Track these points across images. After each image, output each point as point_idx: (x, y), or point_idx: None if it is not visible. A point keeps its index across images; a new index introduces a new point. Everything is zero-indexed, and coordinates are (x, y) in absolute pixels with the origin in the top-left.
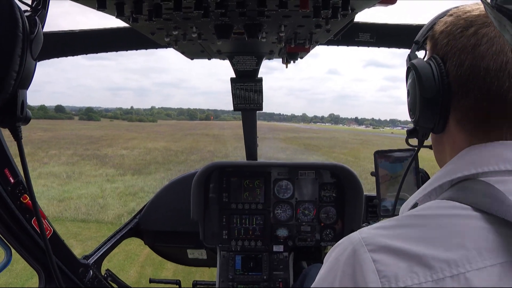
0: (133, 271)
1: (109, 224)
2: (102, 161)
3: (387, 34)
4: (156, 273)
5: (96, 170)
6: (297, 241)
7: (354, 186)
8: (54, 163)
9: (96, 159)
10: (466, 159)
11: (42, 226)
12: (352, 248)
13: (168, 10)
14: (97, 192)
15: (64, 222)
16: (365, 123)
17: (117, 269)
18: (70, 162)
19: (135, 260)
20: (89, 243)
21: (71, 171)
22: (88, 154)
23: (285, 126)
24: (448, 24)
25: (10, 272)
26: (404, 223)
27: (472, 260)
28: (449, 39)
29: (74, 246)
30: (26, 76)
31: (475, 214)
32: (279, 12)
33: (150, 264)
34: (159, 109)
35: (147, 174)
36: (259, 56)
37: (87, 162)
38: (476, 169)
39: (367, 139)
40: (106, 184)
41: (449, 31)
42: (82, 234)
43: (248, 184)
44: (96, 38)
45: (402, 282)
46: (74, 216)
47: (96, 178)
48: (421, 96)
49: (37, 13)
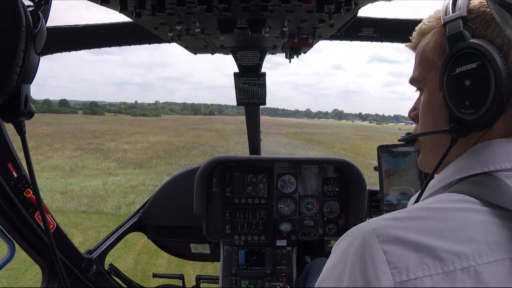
0: (130, 259)
1: (108, 215)
2: (104, 155)
3: (390, 28)
4: (152, 261)
5: (99, 164)
6: (300, 236)
7: (357, 180)
8: (58, 157)
9: (99, 153)
10: (478, 156)
11: (46, 221)
12: (362, 239)
13: (171, 4)
14: (98, 185)
15: (66, 213)
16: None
17: (115, 256)
18: (74, 156)
19: (132, 248)
20: (90, 232)
21: (74, 164)
22: (91, 148)
23: (288, 122)
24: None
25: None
26: (415, 215)
27: (482, 253)
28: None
29: (76, 235)
30: (30, 71)
31: (485, 208)
32: (282, 7)
33: (146, 252)
34: (163, 104)
35: (148, 167)
36: (262, 51)
37: (90, 156)
38: (488, 167)
39: (369, 135)
40: (108, 177)
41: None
42: (84, 224)
43: (251, 178)
44: (99, 33)
45: (413, 274)
46: (76, 207)
47: (99, 171)
48: (497, 89)
49: (40, 8)
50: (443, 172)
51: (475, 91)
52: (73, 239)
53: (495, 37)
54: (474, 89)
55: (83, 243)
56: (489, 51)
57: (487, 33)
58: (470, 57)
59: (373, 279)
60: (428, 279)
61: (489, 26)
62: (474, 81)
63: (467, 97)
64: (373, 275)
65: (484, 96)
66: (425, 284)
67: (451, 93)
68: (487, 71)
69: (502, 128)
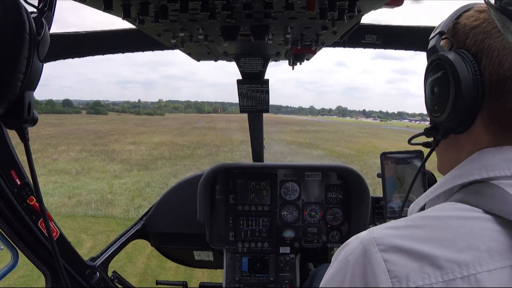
0: (140, 262)
1: (117, 218)
2: (110, 157)
3: (394, 35)
4: (161, 264)
5: (104, 166)
6: (304, 243)
7: (361, 187)
8: (63, 159)
9: (104, 154)
10: (479, 162)
11: (49, 228)
12: (362, 248)
13: (174, 11)
14: (105, 188)
15: (75, 217)
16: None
17: (125, 260)
18: (79, 158)
19: (141, 252)
20: (99, 237)
21: (81, 167)
22: (96, 150)
23: (292, 119)
24: (482, 21)
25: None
26: (415, 223)
27: (483, 261)
28: (484, 36)
29: (86, 240)
30: (33, 77)
31: (486, 216)
32: (285, 13)
33: (155, 256)
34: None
35: (153, 169)
36: (265, 58)
37: (96, 157)
38: (488, 173)
39: (373, 132)
40: (114, 180)
41: (484, 28)
42: (93, 228)
43: (255, 185)
44: (102, 40)
45: (413, 283)
46: (84, 212)
47: (105, 174)
48: (456, 95)
49: (44, 15)
50: (445, 176)
51: (440, 96)
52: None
53: (471, 45)
54: (439, 94)
55: (93, 248)
56: (450, 61)
57: (465, 43)
58: (438, 67)
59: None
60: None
61: (467, 37)
62: (439, 88)
63: (436, 102)
64: (373, 284)
65: (446, 101)
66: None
67: (427, 99)
68: (448, 78)
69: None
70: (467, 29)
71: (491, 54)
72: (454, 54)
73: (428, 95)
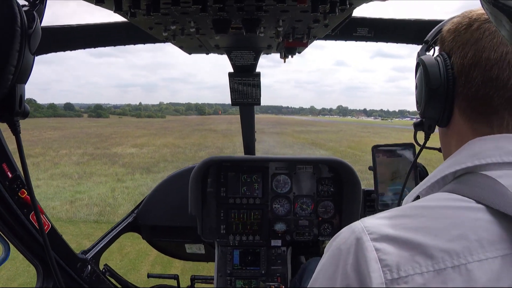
0: (144, 270)
1: None
2: (112, 160)
3: (385, 28)
4: (165, 271)
5: (107, 170)
6: (295, 236)
7: (352, 180)
8: (65, 163)
9: (106, 158)
10: (470, 151)
11: (40, 221)
12: (354, 237)
13: (166, 4)
14: (107, 192)
15: (77, 223)
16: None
17: (129, 267)
18: (81, 162)
19: (145, 259)
20: None
21: (82, 171)
22: (98, 154)
23: (293, 120)
24: (455, 23)
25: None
26: (407, 213)
27: (473, 251)
28: (454, 35)
29: (87, 246)
30: (24, 70)
31: (478, 206)
32: (277, 6)
33: (159, 263)
34: (167, 105)
35: (156, 172)
36: (257, 51)
37: (98, 161)
38: (480, 160)
39: (375, 131)
40: (117, 183)
41: (455, 29)
42: (95, 234)
43: (246, 178)
44: (94, 33)
45: (403, 271)
46: (86, 217)
47: (107, 177)
48: (427, 86)
49: (35, 8)
50: (438, 167)
51: (419, 92)
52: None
53: (447, 44)
54: (418, 91)
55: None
56: (422, 60)
57: (443, 45)
58: (417, 67)
59: (365, 277)
60: (419, 277)
61: (445, 40)
62: (418, 84)
63: (417, 98)
64: (365, 273)
65: (420, 94)
66: (416, 282)
67: (415, 98)
68: (421, 75)
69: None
70: (445, 33)
71: (458, 48)
72: (428, 55)
73: (415, 94)
